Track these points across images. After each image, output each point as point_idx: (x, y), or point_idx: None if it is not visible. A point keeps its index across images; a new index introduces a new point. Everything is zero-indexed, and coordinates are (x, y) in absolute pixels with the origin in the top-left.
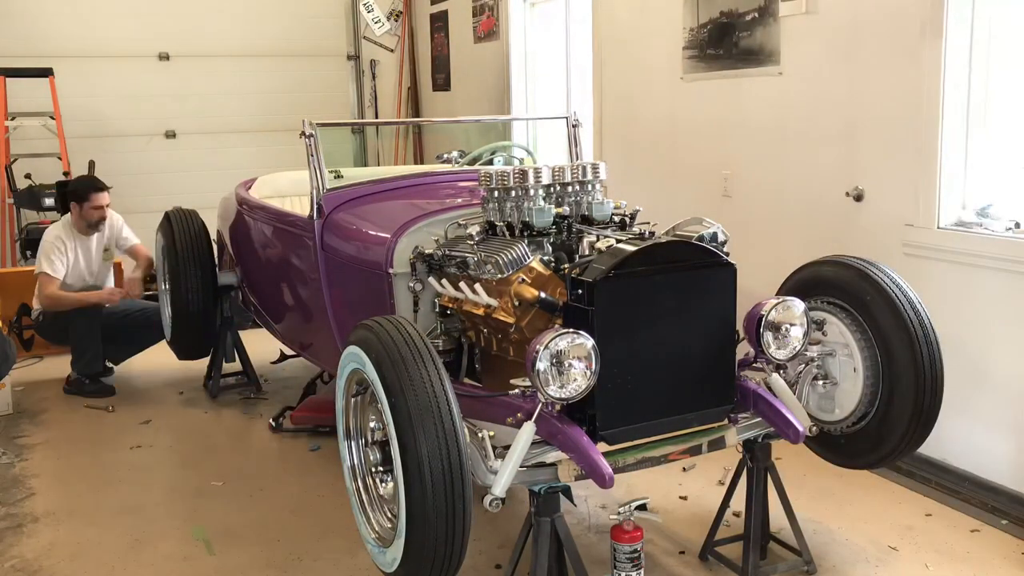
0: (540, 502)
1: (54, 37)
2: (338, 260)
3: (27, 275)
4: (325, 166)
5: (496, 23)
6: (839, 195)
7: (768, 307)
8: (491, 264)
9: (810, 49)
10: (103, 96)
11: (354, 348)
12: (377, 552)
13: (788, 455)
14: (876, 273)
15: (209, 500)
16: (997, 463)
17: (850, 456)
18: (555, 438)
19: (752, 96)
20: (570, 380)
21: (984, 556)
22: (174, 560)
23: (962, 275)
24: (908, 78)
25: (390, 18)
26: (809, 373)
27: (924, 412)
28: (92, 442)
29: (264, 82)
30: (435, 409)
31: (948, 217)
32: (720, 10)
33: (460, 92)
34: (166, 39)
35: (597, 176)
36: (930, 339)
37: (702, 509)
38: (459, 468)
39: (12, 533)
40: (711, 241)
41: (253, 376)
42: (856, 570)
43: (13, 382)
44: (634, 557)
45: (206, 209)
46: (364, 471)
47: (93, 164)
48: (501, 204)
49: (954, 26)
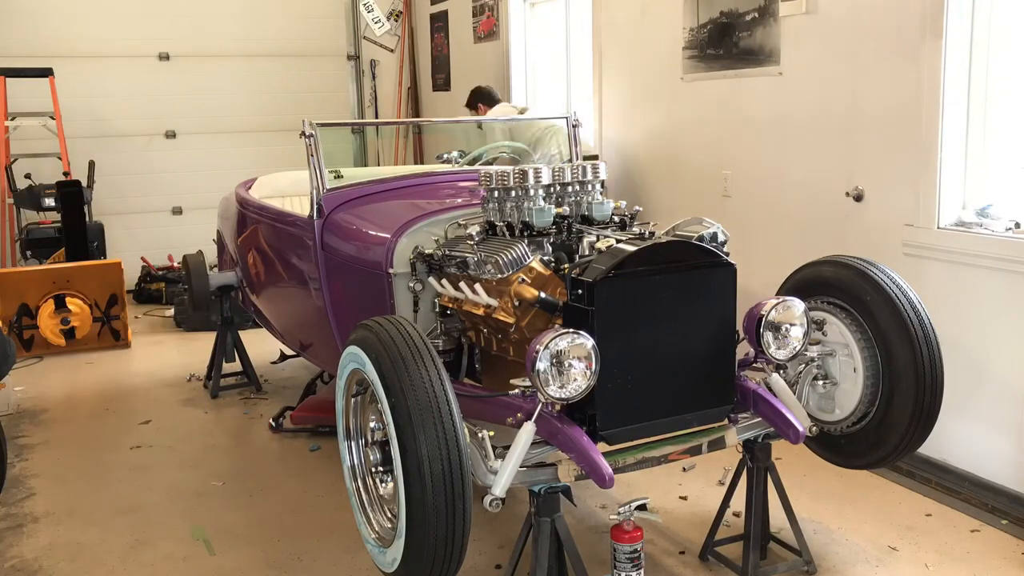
0: (540, 502)
1: (54, 37)
2: (338, 260)
3: (27, 275)
4: (325, 166)
5: (496, 23)
6: (839, 195)
7: (768, 307)
8: (491, 264)
9: (810, 49)
10: (103, 96)
11: (354, 348)
12: (377, 552)
13: (788, 455)
14: (876, 273)
15: (209, 500)
16: (997, 463)
17: (850, 456)
18: (555, 438)
19: (752, 96)
20: (570, 380)
21: (984, 556)
22: (174, 560)
23: (962, 275)
24: (908, 78)
25: (390, 18)
26: (809, 373)
27: (924, 412)
28: (92, 442)
29: (264, 82)
30: (435, 409)
31: (948, 217)
32: (720, 10)
33: (460, 92)
34: (166, 39)
35: (597, 176)
36: (930, 339)
37: (702, 509)
38: (459, 468)
39: (12, 533)
40: (711, 241)
41: (253, 376)
42: (856, 570)
43: (14, 382)
44: (634, 557)
45: (206, 209)
46: (364, 471)
47: (93, 164)
48: (501, 204)
49: (954, 25)
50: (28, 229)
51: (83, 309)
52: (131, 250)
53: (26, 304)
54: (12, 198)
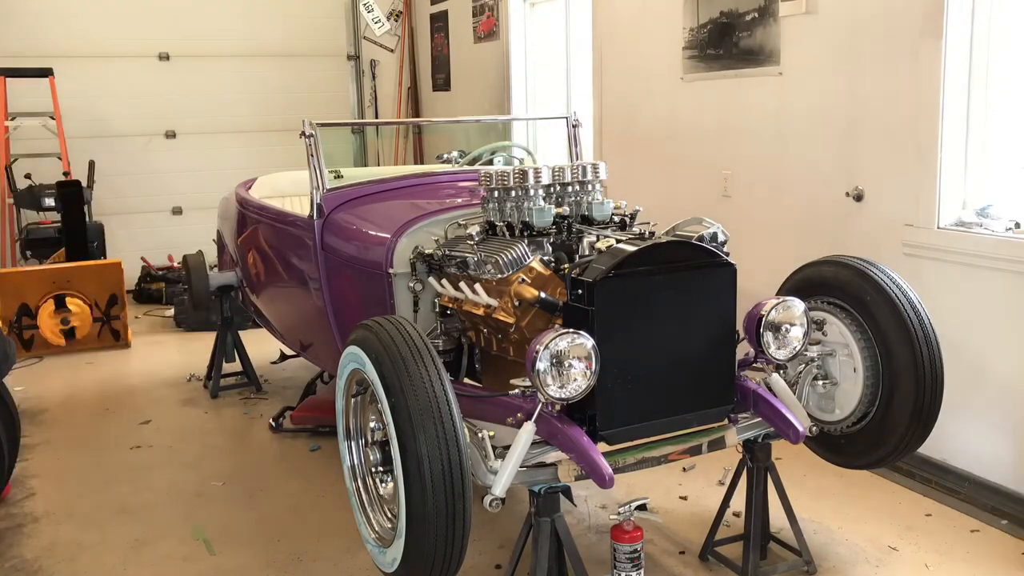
0: (540, 502)
1: (54, 37)
2: (338, 260)
3: (27, 275)
4: (325, 166)
5: (496, 23)
6: (839, 195)
7: (768, 307)
8: (491, 264)
9: (810, 49)
10: (103, 96)
11: (354, 348)
12: (377, 552)
13: (788, 455)
14: (876, 273)
15: (209, 500)
16: (997, 463)
17: (850, 456)
18: (555, 438)
19: (752, 96)
20: (570, 380)
21: (984, 556)
22: (174, 560)
23: (962, 275)
24: (908, 78)
25: (390, 18)
26: (809, 373)
27: (924, 412)
28: (92, 442)
29: (264, 82)
30: (435, 409)
31: (948, 217)
32: (720, 10)
33: (460, 92)
34: (166, 39)
35: (597, 176)
36: (930, 339)
37: (702, 509)
38: (459, 468)
39: (12, 533)
40: (711, 241)
41: (253, 376)
42: (856, 570)
43: (14, 382)
44: (634, 557)
45: (206, 209)
46: (364, 471)
47: (93, 164)
48: (501, 204)
49: (954, 26)
50: (28, 229)
51: (83, 309)
52: (131, 250)
53: (26, 304)
54: (12, 198)
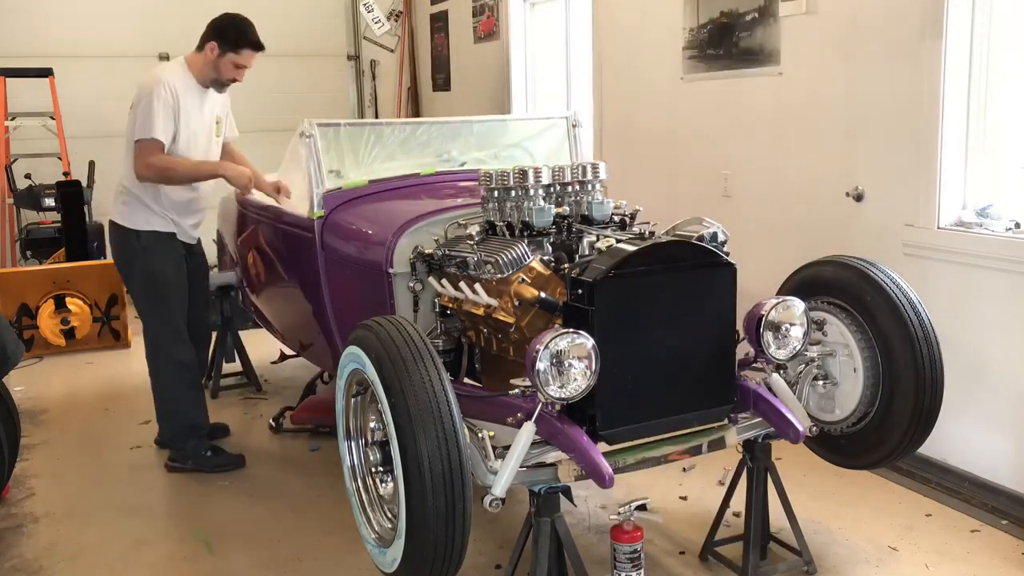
0: (540, 502)
1: (54, 37)
2: (338, 260)
3: (27, 275)
4: (325, 166)
5: (496, 23)
6: (839, 195)
7: (768, 307)
8: (491, 264)
9: (810, 49)
10: (103, 96)
11: (354, 348)
12: (377, 552)
13: (788, 455)
14: (876, 273)
15: (209, 500)
16: (997, 463)
17: (850, 456)
18: (555, 438)
19: (752, 96)
20: (570, 380)
21: (984, 556)
22: (174, 560)
23: (962, 275)
24: (908, 78)
25: (390, 18)
26: (809, 373)
27: (924, 412)
28: (92, 442)
29: (264, 82)
30: (435, 409)
31: (948, 217)
32: (720, 10)
33: (460, 92)
34: (166, 39)
35: (597, 176)
36: (930, 339)
37: (702, 509)
38: (459, 468)
39: (12, 533)
40: (711, 241)
41: (253, 376)
42: (856, 570)
43: (14, 382)
44: (634, 557)
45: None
46: (364, 471)
47: (93, 164)
48: (501, 204)
49: (954, 26)
50: (28, 229)
51: (83, 309)
52: None
53: (26, 304)
54: (12, 198)
